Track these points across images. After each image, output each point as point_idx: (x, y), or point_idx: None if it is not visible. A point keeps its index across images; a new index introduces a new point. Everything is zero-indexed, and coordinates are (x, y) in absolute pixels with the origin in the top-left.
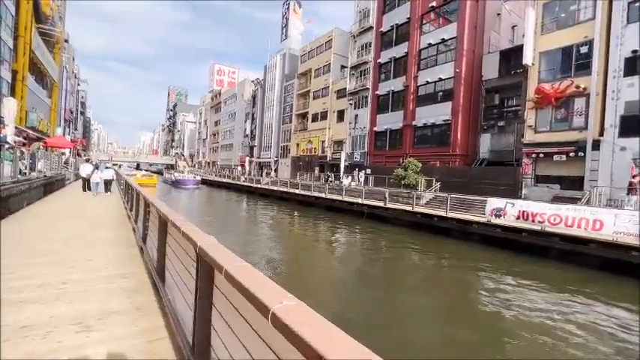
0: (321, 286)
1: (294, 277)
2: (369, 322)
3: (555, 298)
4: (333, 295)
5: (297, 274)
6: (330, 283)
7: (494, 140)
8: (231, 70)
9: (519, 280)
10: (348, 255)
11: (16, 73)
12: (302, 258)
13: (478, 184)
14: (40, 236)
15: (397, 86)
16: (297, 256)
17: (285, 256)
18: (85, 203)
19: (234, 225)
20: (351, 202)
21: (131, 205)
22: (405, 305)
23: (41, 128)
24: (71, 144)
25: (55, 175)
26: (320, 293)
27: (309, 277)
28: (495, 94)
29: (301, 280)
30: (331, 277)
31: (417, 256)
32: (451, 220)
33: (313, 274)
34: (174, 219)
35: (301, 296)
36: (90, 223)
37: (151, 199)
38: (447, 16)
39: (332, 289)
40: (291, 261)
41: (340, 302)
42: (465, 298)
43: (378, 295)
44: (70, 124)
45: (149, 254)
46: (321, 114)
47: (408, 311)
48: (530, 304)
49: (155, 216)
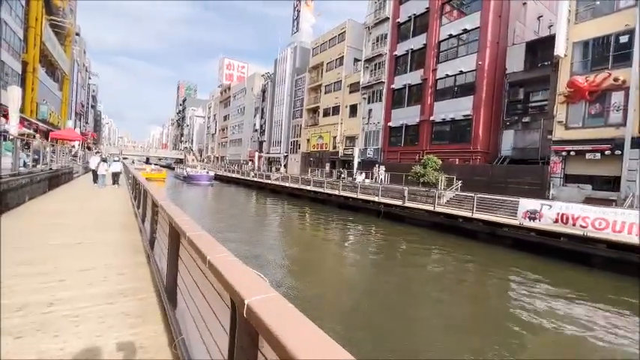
0: (332, 294)
1: (307, 283)
2: (383, 336)
3: (601, 312)
4: (346, 304)
5: (310, 279)
6: (343, 291)
7: (518, 137)
8: (241, 64)
9: (559, 290)
10: (365, 258)
11: (27, 64)
12: (315, 261)
13: (500, 183)
14: (33, 237)
15: (414, 80)
16: (310, 260)
17: (298, 259)
18: (90, 198)
19: (244, 223)
20: (366, 200)
21: (138, 202)
22: (426, 319)
23: (52, 121)
24: (80, 136)
25: (61, 168)
26: (330, 303)
27: (321, 282)
28: (520, 89)
29: (312, 286)
30: (344, 284)
31: (441, 261)
32: (477, 222)
33: (326, 279)
34: (193, 234)
35: (311, 305)
36: (92, 221)
37: (161, 201)
38: (469, 5)
39: (344, 297)
40: (304, 265)
41: (353, 314)
42: (499, 311)
43: (397, 305)
44: (81, 118)
45: (157, 264)
46: (332, 108)
47: (430, 327)
48: (571, 319)
49: (165, 221)
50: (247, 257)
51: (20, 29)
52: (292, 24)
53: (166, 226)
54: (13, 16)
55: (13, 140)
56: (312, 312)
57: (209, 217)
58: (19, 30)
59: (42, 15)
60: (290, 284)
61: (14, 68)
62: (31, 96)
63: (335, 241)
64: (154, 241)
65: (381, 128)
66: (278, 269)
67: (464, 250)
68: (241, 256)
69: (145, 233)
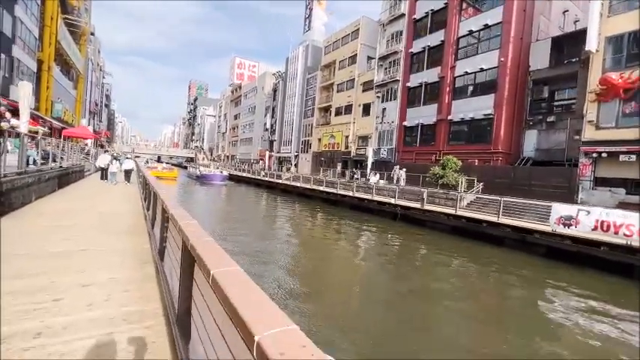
0: (349, 308)
1: (320, 293)
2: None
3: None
4: (360, 318)
5: (324, 288)
6: (358, 302)
7: (542, 137)
8: (252, 63)
9: (607, 307)
10: (383, 265)
11: (42, 62)
12: (330, 269)
13: (524, 186)
14: (32, 243)
15: (431, 77)
16: (325, 267)
17: (314, 266)
18: (99, 197)
19: (255, 225)
20: (381, 202)
21: (148, 203)
22: (452, 339)
23: (66, 119)
24: (92, 134)
25: (72, 166)
26: (344, 316)
27: (337, 294)
28: (544, 86)
29: (326, 295)
30: (359, 293)
31: (466, 270)
32: (504, 227)
33: (342, 290)
34: (218, 271)
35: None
36: (99, 223)
37: (172, 210)
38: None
39: (359, 309)
40: (320, 272)
41: (369, 331)
42: (539, 330)
43: (418, 322)
44: (95, 116)
45: (167, 282)
46: (345, 107)
47: (458, 350)
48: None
49: (177, 237)
50: (258, 263)
51: (35, 27)
52: (304, 22)
53: (179, 239)
54: (29, 15)
55: (19, 136)
56: (330, 331)
57: (220, 218)
58: (34, 28)
59: (57, 14)
60: (305, 296)
61: (29, 66)
62: (46, 94)
63: (350, 247)
64: (164, 252)
65: (396, 128)
66: (291, 279)
67: (490, 258)
68: (252, 262)
69: (155, 240)
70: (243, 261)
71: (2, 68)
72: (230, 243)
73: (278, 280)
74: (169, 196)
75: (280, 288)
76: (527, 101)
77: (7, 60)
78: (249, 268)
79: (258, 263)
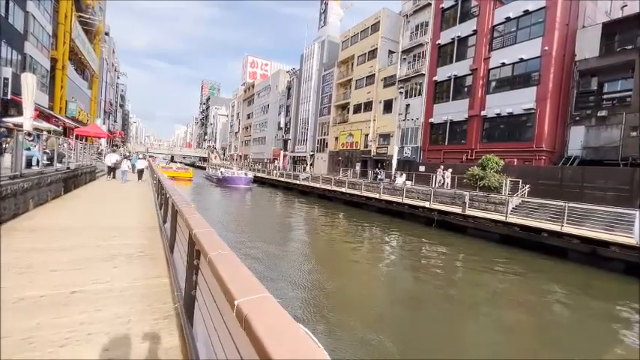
0: (381, 333)
1: (350, 316)
2: None
3: None
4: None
5: (357, 312)
6: (395, 331)
7: (591, 134)
8: (264, 62)
9: None
10: (427, 284)
11: (57, 61)
12: (364, 287)
13: (574, 189)
14: (12, 279)
15: (461, 70)
16: (358, 283)
17: (342, 283)
18: (109, 204)
19: (272, 229)
20: (413, 206)
21: (165, 215)
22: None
23: (81, 118)
24: (106, 133)
25: (81, 167)
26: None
27: (373, 321)
28: (591, 78)
29: (353, 319)
30: (397, 320)
31: (528, 290)
32: (569, 238)
33: (372, 310)
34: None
35: None
36: (102, 242)
37: (211, 254)
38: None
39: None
40: (349, 292)
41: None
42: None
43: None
44: (110, 116)
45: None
46: (364, 104)
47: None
48: None
49: (214, 276)
50: (282, 282)
51: (49, 25)
52: (319, 17)
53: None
54: (42, 11)
55: (15, 135)
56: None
57: (248, 227)
58: (47, 25)
59: (72, 12)
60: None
61: (43, 64)
62: (60, 93)
63: (385, 256)
64: (194, 304)
65: (421, 125)
66: (317, 298)
67: (558, 275)
68: (275, 279)
69: (174, 272)
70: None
71: (14, 65)
72: (262, 263)
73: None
74: (184, 199)
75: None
76: (572, 94)
77: (19, 57)
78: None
79: (295, 287)
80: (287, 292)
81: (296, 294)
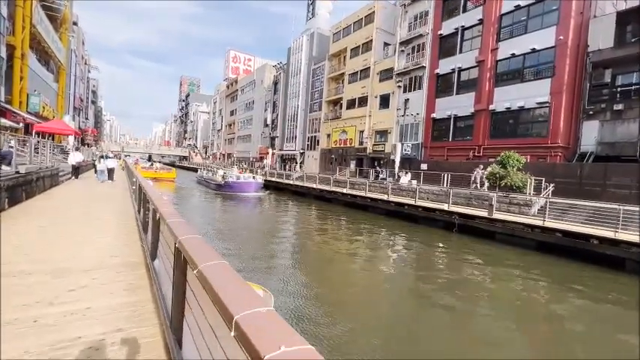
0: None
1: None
2: None
3: None
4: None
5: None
6: None
7: (606, 129)
8: (248, 57)
9: None
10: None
11: (15, 48)
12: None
13: (595, 187)
14: None
15: (466, 62)
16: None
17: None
18: (70, 222)
19: (273, 245)
20: (428, 208)
21: (144, 228)
22: None
23: (46, 114)
24: (73, 130)
25: (37, 171)
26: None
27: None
28: (605, 70)
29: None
30: None
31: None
32: (624, 245)
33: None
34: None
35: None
36: (54, 300)
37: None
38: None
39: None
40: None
41: None
42: None
43: None
44: (80, 113)
45: None
46: (359, 99)
47: None
48: None
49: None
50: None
51: (4, 7)
52: (307, 9)
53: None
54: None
55: None
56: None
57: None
58: (2, 7)
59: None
60: None
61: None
62: (20, 85)
63: (405, 272)
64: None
65: (422, 120)
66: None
67: (619, 291)
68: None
69: (164, 312)
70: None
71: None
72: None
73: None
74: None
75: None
76: (585, 87)
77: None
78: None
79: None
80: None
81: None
